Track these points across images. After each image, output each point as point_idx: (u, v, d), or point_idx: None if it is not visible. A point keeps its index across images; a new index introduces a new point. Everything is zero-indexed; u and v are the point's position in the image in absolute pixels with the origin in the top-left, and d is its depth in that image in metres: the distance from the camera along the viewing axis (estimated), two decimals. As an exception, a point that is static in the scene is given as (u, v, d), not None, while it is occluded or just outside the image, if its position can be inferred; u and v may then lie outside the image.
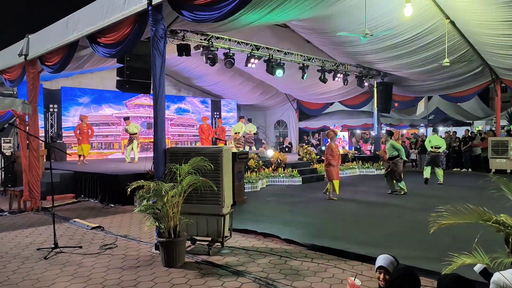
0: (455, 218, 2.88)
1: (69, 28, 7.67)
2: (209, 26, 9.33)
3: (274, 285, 4.14)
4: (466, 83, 15.29)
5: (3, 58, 10.11)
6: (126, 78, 8.16)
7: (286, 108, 21.41)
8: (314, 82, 15.34)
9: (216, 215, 5.39)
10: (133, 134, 13.67)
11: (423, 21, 11.22)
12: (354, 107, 19.34)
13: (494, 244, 2.93)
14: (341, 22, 11.50)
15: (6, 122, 11.69)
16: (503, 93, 16.61)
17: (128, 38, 6.39)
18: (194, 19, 5.63)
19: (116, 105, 16.70)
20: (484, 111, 22.91)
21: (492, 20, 10.31)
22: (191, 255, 5.23)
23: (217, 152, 5.41)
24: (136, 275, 4.55)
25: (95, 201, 9.78)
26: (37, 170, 8.88)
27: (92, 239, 6.24)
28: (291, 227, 6.52)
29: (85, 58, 8.68)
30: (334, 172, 9.21)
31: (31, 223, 7.54)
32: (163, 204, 4.82)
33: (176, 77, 18.95)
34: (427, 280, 4.12)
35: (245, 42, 12.33)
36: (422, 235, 5.84)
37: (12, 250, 5.70)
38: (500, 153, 14.06)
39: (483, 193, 9.41)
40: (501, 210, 2.95)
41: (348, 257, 4.98)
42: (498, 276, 2.52)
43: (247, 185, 10.57)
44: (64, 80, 15.45)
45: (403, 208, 8.05)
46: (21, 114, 8.88)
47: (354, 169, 14.88)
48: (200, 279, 4.40)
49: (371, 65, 15.14)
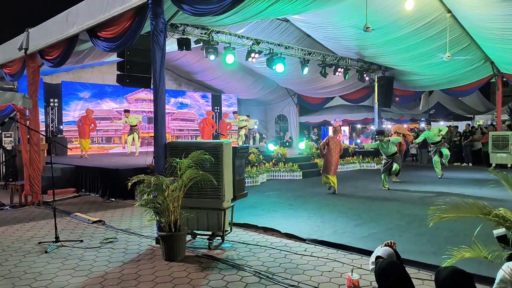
0: (455, 212, 2.89)
1: (69, 22, 7.64)
2: (210, 20, 9.30)
3: (274, 278, 4.16)
4: (467, 78, 15.24)
5: (4, 52, 10.10)
6: (127, 72, 8.16)
7: (286, 103, 21.40)
8: (315, 77, 15.32)
9: (216, 209, 5.40)
10: (133, 126, 13.71)
11: (425, 14, 11.17)
12: (355, 102, 19.32)
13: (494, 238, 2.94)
14: (341, 16, 11.46)
15: (6, 116, 11.67)
16: (504, 87, 16.55)
17: (128, 32, 6.37)
18: (194, 13, 5.61)
19: (116, 100, 16.70)
20: (485, 105, 22.85)
21: (493, 13, 10.26)
22: (192, 249, 5.25)
23: (218, 146, 5.41)
24: (137, 269, 4.57)
25: (96, 195, 9.80)
26: (38, 165, 8.90)
27: (93, 233, 6.27)
28: (291, 221, 6.55)
29: (85, 52, 8.67)
30: (329, 167, 9.27)
31: (32, 217, 7.57)
32: (163, 198, 4.84)
33: (176, 71, 18.93)
34: (426, 274, 4.13)
35: (246, 36, 12.29)
36: (422, 229, 5.87)
37: (13, 244, 5.73)
38: (501, 147, 14.06)
39: (483, 187, 9.45)
40: (500, 204, 2.96)
41: (348, 251, 4.99)
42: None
43: (248, 179, 10.59)
44: (65, 75, 15.45)
45: (403, 202, 8.06)
46: (21, 108, 8.89)
47: (355, 163, 14.89)
48: (201, 272, 4.42)
49: (372, 59, 15.10)
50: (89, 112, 13.76)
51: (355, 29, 11.65)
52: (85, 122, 13.36)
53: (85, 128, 13.29)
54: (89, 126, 13.46)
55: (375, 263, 2.54)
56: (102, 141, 16.27)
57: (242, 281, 4.13)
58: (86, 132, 13.31)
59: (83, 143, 13.21)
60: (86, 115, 13.67)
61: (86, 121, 13.39)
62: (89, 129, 13.48)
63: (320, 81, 16.52)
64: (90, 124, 13.50)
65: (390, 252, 3.11)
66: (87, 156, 13.08)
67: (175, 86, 19.45)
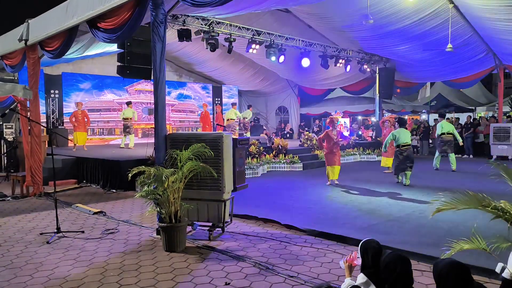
0: (455, 204, 2.90)
1: (69, 13, 7.60)
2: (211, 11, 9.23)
3: (274, 269, 4.19)
4: (469, 69, 15.17)
5: (4, 43, 10.05)
6: (127, 63, 8.11)
7: (287, 94, 21.33)
8: (316, 68, 15.24)
9: (216, 201, 5.42)
10: (126, 119, 13.68)
11: (427, 5, 11.08)
12: (356, 93, 19.23)
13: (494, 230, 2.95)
14: (343, 7, 11.37)
15: (7, 107, 11.68)
16: (506, 79, 16.48)
17: (128, 23, 6.33)
18: (194, 3, 5.57)
19: (117, 91, 16.67)
20: (487, 97, 22.74)
21: (496, 4, 10.17)
22: (192, 240, 5.28)
23: (218, 138, 5.41)
24: (138, 259, 4.60)
25: (97, 186, 9.84)
26: (39, 156, 8.91)
27: (94, 224, 6.30)
28: (292, 212, 6.57)
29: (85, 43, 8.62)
30: (335, 158, 9.24)
31: (34, 208, 7.60)
32: (164, 189, 4.85)
33: (177, 62, 18.85)
34: (426, 265, 4.16)
35: (246, 27, 12.21)
36: (421, 220, 5.89)
37: (15, 234, 5.77)
38: (502, 139, 14.05)
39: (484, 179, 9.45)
40: (501, 197, 2.96)
41: (348, 243, 5.01)
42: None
43: (248, 171, 10.61)
44: (65, 66, 15.38)
45: (404, 194, 8.07)
46: (22, 99, 8.88)
47: (355, 155, 14.89)
48: (201, 263, 4.45)
49: (373, 50, 15.01)
50: (78, 105, 13.53)
51: (356, 20, 11.57)
52: (77, 117, 13.14)
53: (78, 122, 13.11)
54: (82, 118, 13.24)
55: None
56: (103, 132, 16.27)
57: (242, 272, 4.16)
58: (81, 125, 13.13)
59: (79, 135, 13.04)
60: (77, 109, 13.47)
61: (77, 115, 13.17)
62: (84, 122, 13.29)
63: (321, 73, 16.46)
64: (83, 117, 13.30)
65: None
66: (86, 148, 13.03)
67: (175, 77, 19.39)
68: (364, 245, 3.01)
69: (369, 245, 2.99)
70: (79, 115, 13.22)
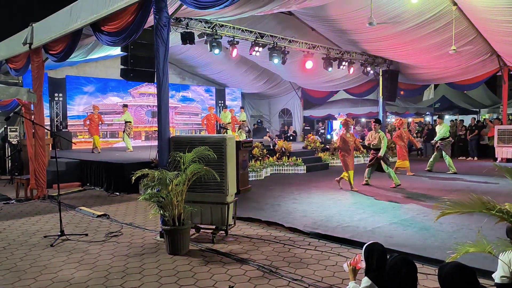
0: (459, 207, 2.88)
1: (73, 17, 7.64)
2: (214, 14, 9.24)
3: (277, 272, 4.17)
4: (473, 71, 15.10)
5: (8, 47, 10.12)
6: (130, 66, 8.14)
7: (290, 97, 21.32)
8: (319, 70, 15.23)
9: (220, 204, 5.42)
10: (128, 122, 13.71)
11: (430, 7, 11.05)
12: (359, 96, 19.20)
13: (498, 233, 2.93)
14: (347, 8, 11.36)
15: (11, 111, 11.72)
16: (510, 80, 16.34)
17: (131, 26, 6.36)
18: (197, 6, 5.59)
19: (120, 94, 16.73)
20: (491, 99, 22.63)
21: (499, 6, 10.13)
22: (196, 243, 5.27)
23: (221, 140, 5.41)
24: (141, 263, 4.60)
25: (100, 189, 9.85)
26: (43, 159, 8.95)
27: (98, 227, 6.31)
28: (295, 215, 6.54)
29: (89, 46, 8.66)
30: (349, 163, 9.11)
31: (38, 211, 7.62)
32: (167, 192, 4.85)
33: (180, 65, 18.90)
34: (431, 268, 4.13)
35: (249, 30, 12.23)
36: (426, 223, 5.85)
37: (19, 237, 5.78)
38: (507, 141, 13.96)
39: (489, 182, 9.40)
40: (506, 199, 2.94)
41: (352, 245, 4.99)
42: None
43: (251, 173, 10.60)
44: (69, 69, 15.47)
45: (407, 197, 8.04)
46: (26, 103, 8.92)
47: (359, 157, 14.83)
48: (204, 266, 4.44)
49: (377, 52, 14.99)
50: (95, 108, 13.72)
51: (359, 22, 11.55)
52: (93, 120, 13.30)
53: (93, 124, 13.25)
54: (97, 122, 13.42)
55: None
56: (107, 135, 16.32)
57: (246, 275, 4.14)
58: (96, 128, 13.30)
59: (95, 139, 13.20)
60: (93, 112, 13.62)
61: (93, 119, 13.34)
62: (97, 124, 13.46)
63: (324, 75, 16.44)
64: (98, 120, 13.47)
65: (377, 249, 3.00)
66: (99, 151, 13.08)
67: (179, 80, 19.44)
68: (369, 248, 2.99)
69: (374, 248, 2.97)
70: (95, 118, 13.31)
